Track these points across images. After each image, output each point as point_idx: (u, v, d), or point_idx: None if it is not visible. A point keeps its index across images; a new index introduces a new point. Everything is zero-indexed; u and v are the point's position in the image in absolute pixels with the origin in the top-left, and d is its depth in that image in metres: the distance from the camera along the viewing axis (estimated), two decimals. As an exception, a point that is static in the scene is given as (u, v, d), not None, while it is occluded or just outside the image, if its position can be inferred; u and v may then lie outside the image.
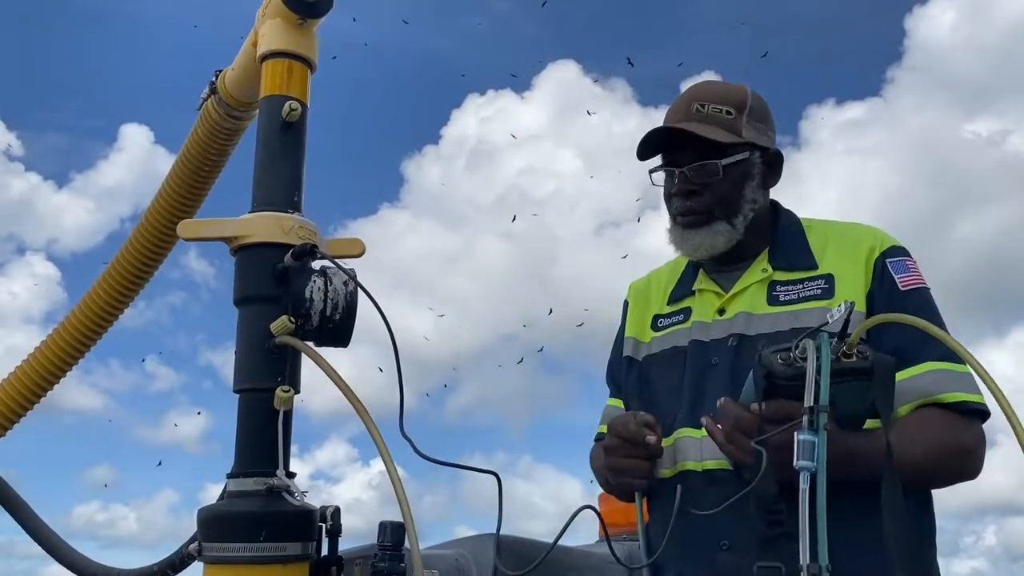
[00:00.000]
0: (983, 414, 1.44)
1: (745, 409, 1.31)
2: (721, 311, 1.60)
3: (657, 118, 1.68)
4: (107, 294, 1.94)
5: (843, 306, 1.19)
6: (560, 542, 1.54)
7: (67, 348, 1.94)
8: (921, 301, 1.49)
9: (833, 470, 1.07)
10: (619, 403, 1.77)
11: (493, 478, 1.39)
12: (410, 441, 1.26)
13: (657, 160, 1.65)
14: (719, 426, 1.35)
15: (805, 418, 1.08)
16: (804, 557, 1.03)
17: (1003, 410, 0.99)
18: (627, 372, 1.73)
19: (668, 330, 1.68)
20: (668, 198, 1.65)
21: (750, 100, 1.61)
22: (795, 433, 1.08)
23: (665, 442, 1.54)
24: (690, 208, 1.60)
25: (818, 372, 1.12)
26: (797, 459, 1.07)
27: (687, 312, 1.66)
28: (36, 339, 2.03)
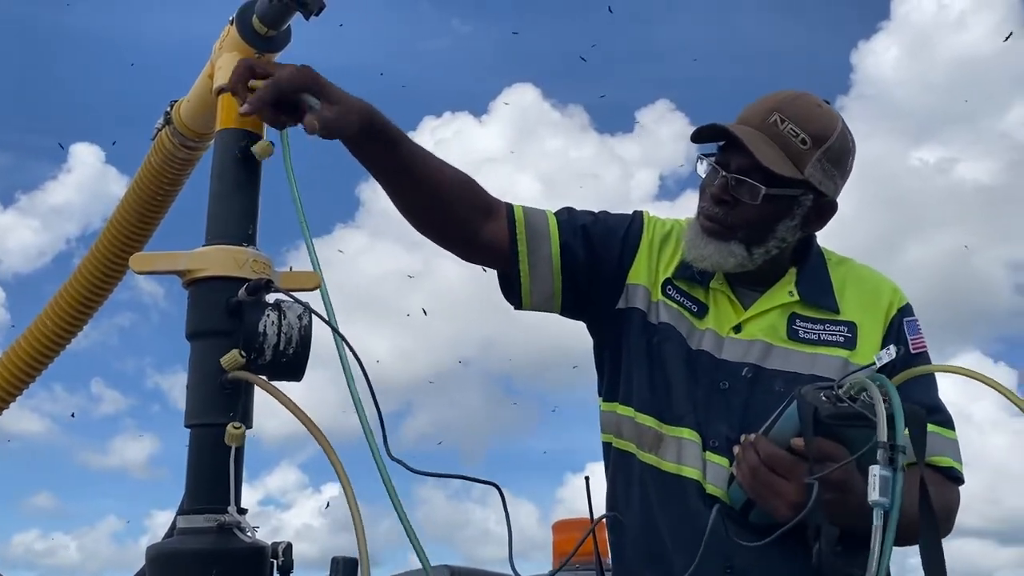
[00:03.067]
0: (962, 483, 1.51)
1: (780, 446, 1.31)
2: (737, 328, 1.52)
3: (614, 144, 1.66)
4: (54, 323, 1.91)
5: (891, 349, 1.22)
6: (516, 570, 1.53)
7: (11, 379, 1.90)
8: (926, 364, 1.53)
9: (860, 519, 1.09)
10: (553, 224, 1.60)
11: (490, 491, 1.37)
12: (401, 462, 1.24)
13: (711, 146, 1.53)
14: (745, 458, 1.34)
15: (882, 454, 1.07)
16: None
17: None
18: (633, 326, 1.59)
19: (677, 307, 1.56)
20: (703, 191, 1.53)
21: (834, 138, 1.47)
22: (873, 467, 1.07)
23: (669, 430, 1.51)
24: (715, 215, 1.49)
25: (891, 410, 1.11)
26: (875, 494, 1.06)
27: (702, 308, 1.56)
28: (-21, 364, 1.98)
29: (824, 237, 1.63)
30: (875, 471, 1.07)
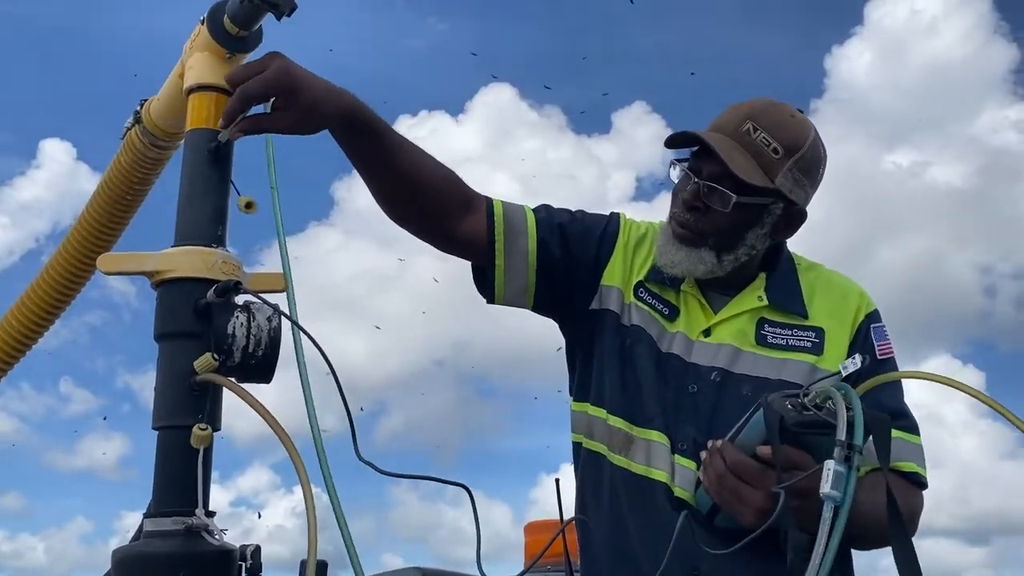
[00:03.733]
0: (925, 487, 1.53)
1: (746, 453, 1.32)
2: (707, 332, 1.54)
3: (591, 145, 1.68)
4: (21, 324, 1.89)
5: (856, 358, 1.23)
6: (484, 573, 1.53)
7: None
8: (893, 370, 1.53)
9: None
10: (531, 220, 1.61)
11: (458, 494, 1.37)
12: (371, 464, 1.25)
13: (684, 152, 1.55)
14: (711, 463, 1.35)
15: (839, 450, 1.10)
16: None
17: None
18: (606, 328, 1.60)
19: (649, 311, 1.58)
20: (675, 195, 1.55)
21: (806, 148, 1.49)
22: (828, 461, 1.10)
23: (639, 432, 1.52)
24: (687, 222, 1.51)
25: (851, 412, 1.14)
26: (826, 487, 1.08)
27: (673, 311, 1.58)
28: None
29: (797, 240, 1.65)
30: (830, 465, 1.09)
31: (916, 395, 1.58)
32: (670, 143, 1.55)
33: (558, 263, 1.61)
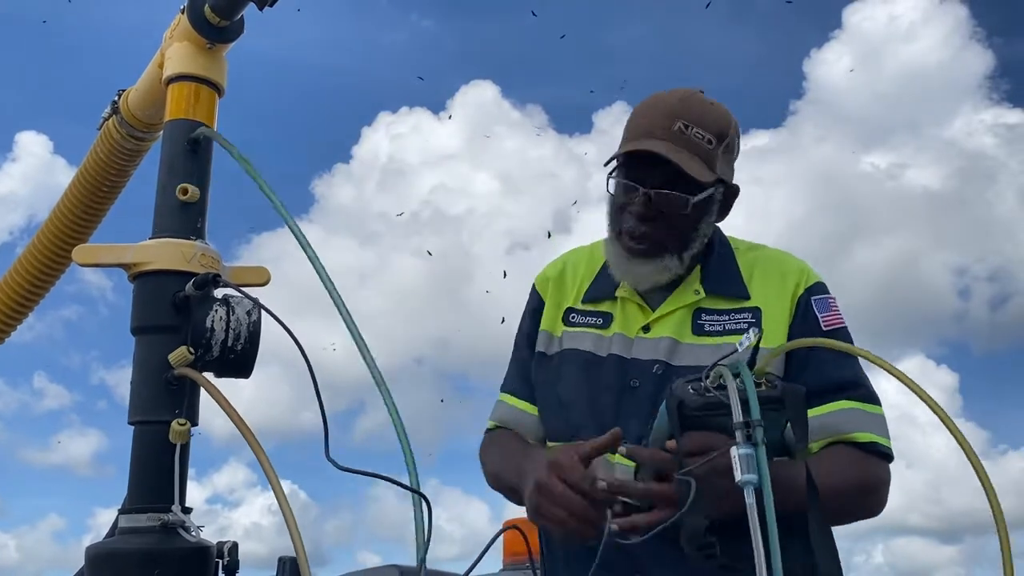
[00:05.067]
0: (889, 457, 1.47)
1: (659, 448, 1.30)
2: (646, 328, 1.55)
3: (572, 144, 1.67)
4: (-6, 316, 1.86)
5: (751, 333, 1.20)
6: (462, 570, 1.53)
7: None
8: (842, 340, 1.49)
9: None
10: (522, 404, 1.69)
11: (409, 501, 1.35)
12: (335, 463, 1.21)
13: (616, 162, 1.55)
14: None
15: (740, 433, 1.05)
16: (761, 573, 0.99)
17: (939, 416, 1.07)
18: (537, 368, 1.65)
19: (582, 329, 1.61)
20: (619, 210, 1.55)
21: (731, 131, 1.52)
22: (732, 449, 1.05)
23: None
24: (644, 235, 1.51)
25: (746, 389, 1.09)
26: (739, 474, 1.03)
27: (607, 318, 1.59)
28: (-86, 361, 1.92)
29: (778, 239, 1.65)
30: (734, 452, 1.05)
31: (890, 397, 1.56)
32: (614, 159, 1.54)
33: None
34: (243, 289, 1.30)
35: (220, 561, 1.25)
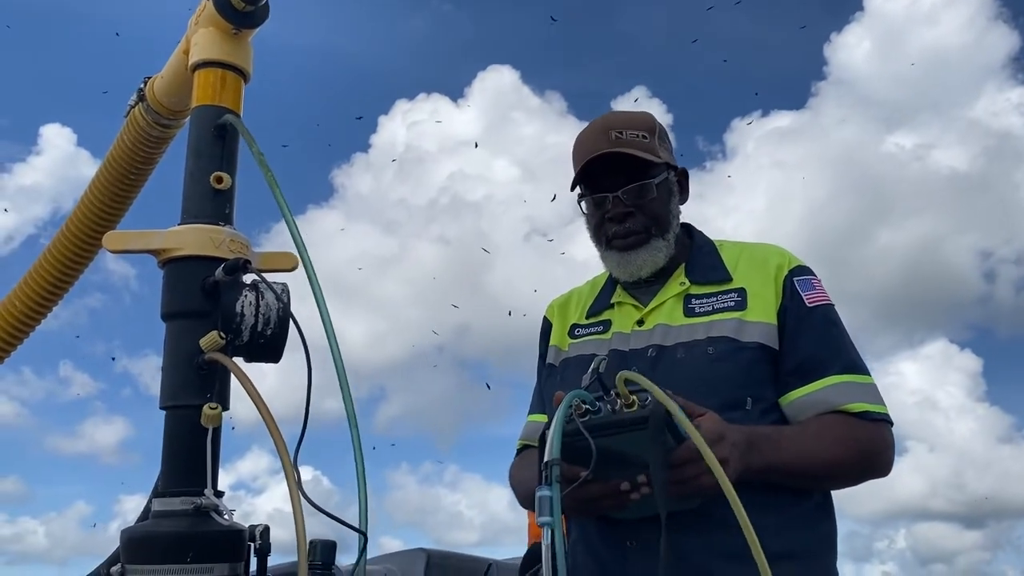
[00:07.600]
0: (885, 421, 1.57)
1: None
2: (640, 322, 1.68)
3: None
4: (24, 304, 1.87)
5: (595, 360, 1.30)
6: (488, 556, 1.53)
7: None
8: (826, 316, 1.62)
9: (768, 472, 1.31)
10: (541, 419, 1.79)
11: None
12: (297, 472, 1.18)
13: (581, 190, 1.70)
14: None
15: (543, 474, 1.06)
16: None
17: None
18: (548, 379, 1.78)
19: (585, 338, 1.75)
20: (599, 224, 1.70)
21: (657, 125, 1.72)
22: (536, 490, 1.05)
23: None
24: (628, 230, 1.67)
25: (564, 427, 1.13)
26: (538, 517, 1.05)
27: (606, 324, 1.73)
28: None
29: (801, 222, 1.70)
30: (537, 493, 1.05)
31: (912, 381, 1.58)
32: (577, 181, 1.70)
33: None
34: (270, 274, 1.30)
35: (252, 544, 1.26)
